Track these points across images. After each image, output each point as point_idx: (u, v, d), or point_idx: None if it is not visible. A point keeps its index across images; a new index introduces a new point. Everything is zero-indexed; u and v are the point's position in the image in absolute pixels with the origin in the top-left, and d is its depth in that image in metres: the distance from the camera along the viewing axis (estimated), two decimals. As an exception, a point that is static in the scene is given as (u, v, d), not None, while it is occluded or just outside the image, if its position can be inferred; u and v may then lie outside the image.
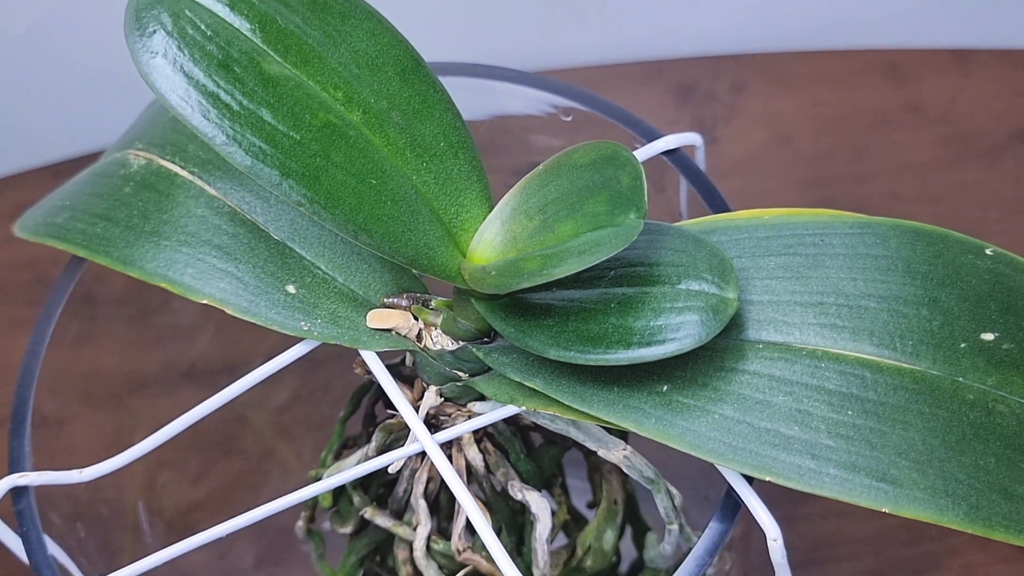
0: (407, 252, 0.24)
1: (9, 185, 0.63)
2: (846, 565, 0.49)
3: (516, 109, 0.33)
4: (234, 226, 0.28)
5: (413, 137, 0.25)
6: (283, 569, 0.48)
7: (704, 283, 0.24)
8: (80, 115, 0.64)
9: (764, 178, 0.60)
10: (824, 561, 0.49)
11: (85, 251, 0.28)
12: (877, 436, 0.23)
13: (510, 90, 0.32)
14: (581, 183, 0.24)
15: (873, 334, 0.25)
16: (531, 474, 0.32)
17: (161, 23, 0.23)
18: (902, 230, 0.26)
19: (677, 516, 0.29)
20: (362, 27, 0.25)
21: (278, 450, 0.50)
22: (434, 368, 0.28)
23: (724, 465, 0.24)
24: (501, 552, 0.26)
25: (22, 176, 0.64)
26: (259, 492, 0.50)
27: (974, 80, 0.62)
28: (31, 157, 0.64)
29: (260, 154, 0.23)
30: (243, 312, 0.27)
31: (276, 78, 0.23)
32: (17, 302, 0.59)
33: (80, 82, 0.63)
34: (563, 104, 0.32)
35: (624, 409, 0.25)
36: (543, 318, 0.25)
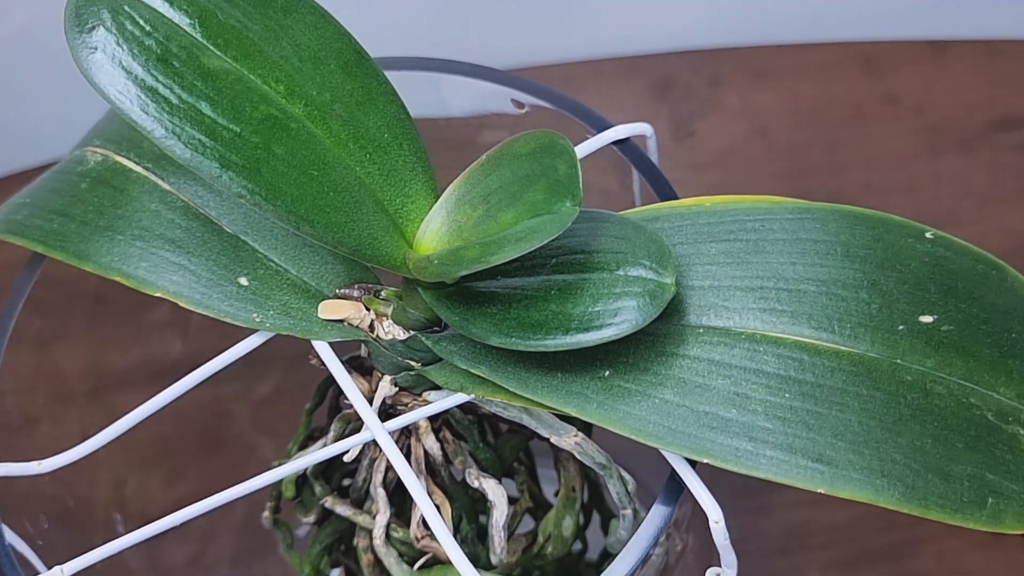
0: (350, 242, 0.25)
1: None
2: (821, 553, 0.49)
3: (466, 102, 0.33)
4: (187, 220, 0.28)
5: (356, 129, 0.26)
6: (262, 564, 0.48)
7: (642, 269, 0.24)
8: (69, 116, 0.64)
9: (741, 171, 0.60)
10: (799, 549, 0.49)
11: (42, 247, 0.28)
12: (814, 418, 0.24)
13: (459, 83, 0.32)
14: (522, 172, 0.25)
15: (812, 317, 0.25)
16: (490, 462, 0.32)
17: (100, 19, 0.23)
18: (841, 214, 0.26)
19: (631, 502, 0.30)
20: (304, 21, 0.26)
21: (260, 446, 0.50)
22: (387, 358, 0.29)
23: (664, 448, 0.24)
24: (449, 540, 0.27)
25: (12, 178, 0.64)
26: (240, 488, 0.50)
27: (949, 71, 0.62)
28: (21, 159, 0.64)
29: (200, 147, 0.23)
30: (196, 304, 0.28)
31: (216, 72, 0.24)
32: (1, 304, 0.60)
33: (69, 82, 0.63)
34: (515, 96, 0.32)
35: (567, 395, 0.25)
36: (487, 306, 0.25)
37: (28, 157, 0.64)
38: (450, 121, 0.35)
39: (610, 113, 0.63)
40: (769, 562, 0.49)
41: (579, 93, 0.66)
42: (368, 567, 0.32)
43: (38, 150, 0.64)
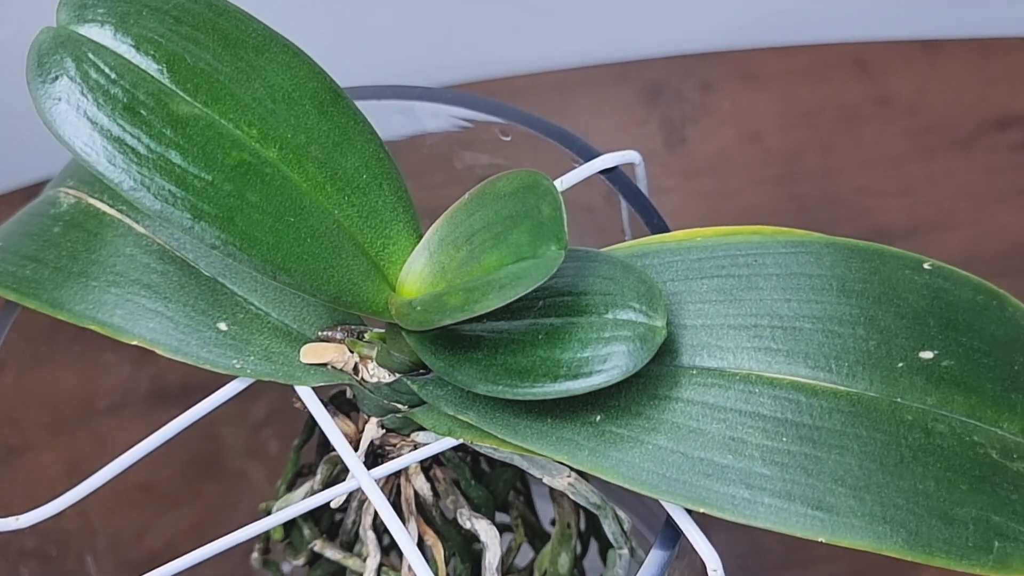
0: (330, 289, 0.24)
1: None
2: (823, 567, 0.48)
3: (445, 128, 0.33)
4: (163, 264, 0.27)
5: (334, 171, 0.25)
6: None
7: (632, 312, 0.23)
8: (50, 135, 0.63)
9: (734, 176, 0.59)
10: (802, 564, 0.48)
11: (15, 294, 0.28)
12: (813, 462, 0.23)
13: (438, 110, 0.32)
14: (505, 212, 0.24)
15: (808, 356, 0.24)
16: (483, 500, 0.31)
17: (64, 68, 0.22)
18: (836, 247, 0.25)
19: (627, 541, 0.29)
20: (277, 60, 0.25)
21: (251, 470, 0.50)
22: (373, 400, 0.28)
23: (659, 497, 0.23)
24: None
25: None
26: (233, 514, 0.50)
27: (942, 71, 0.61)
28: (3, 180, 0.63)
29: (170, 197, 0.22)
30: (174, 352, 0.27)
31: (185, 118, 0.23)
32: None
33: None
34: (498, 123, 0.31)
35: (557, 441, 0.24)
36: (472, 351, 0.24)
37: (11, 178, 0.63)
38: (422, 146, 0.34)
39: (601, 120, 0.63)
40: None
41: (569, 99, 0.65)
42: (360, 610, 0.31)
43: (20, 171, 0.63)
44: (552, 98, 0.63)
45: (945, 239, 0.56)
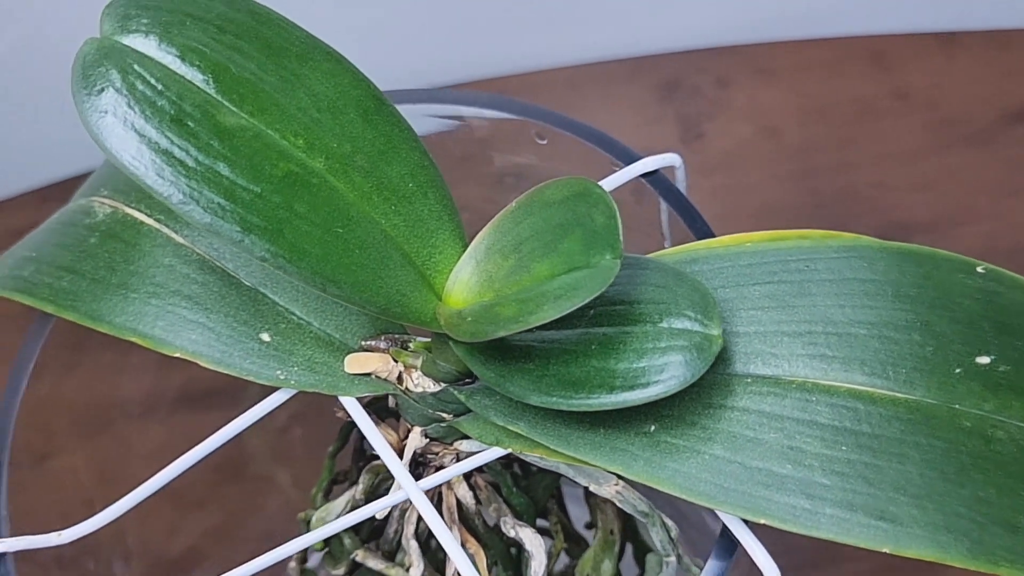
0: (379, 301, 0.24)
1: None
2: (848, 566, 0.48)
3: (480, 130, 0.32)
4: (203, 274, 0.27)
5: (380, 180, 0.24)
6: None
7: (687, 320, 0.23)
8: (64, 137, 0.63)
9: (751, 172, 0.59)
10: (832, 562, 0.48)
11: (52, 306, 0.27)
12: (873, 471, 0.23)
13: (474, 113, 0.31)
14: (555, 220, 0.24)
15: (864, 363, 0.24)
16: (524, 506, 0.31)
17: (110, 80, 0.22)
18: (889, 252, 0.25)
19: (674, 548, 0.29)
20: (320, 68, 0.24)
21: (277, 475, 0.49)
22: (417, 410, 0.28)
23: (717, 508, 0.23)
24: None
25: (8, 203, 0.63)
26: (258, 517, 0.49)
27: (959, 63, 0.61)
28: (16, 182, 0.63)
29: (219, 210, 0.22)
30: (216, 364, 0.26)
31: (232, 129, 0.22)
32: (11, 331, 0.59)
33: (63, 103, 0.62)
34: (538, 127, 0.31)
35: (611, 452, 0.24)
36: (523, 361, 0.24)
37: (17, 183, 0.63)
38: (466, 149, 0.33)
39: (617, 116, 0.62)
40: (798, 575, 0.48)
41: (584, 96, 0.65)
42: (401, 619, 0.31)
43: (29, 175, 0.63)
44: (565, 95, 0.63)
45: (965, 233, 0.56)
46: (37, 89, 0.61)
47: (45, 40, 0.59)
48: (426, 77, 0.63)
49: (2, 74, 0.60)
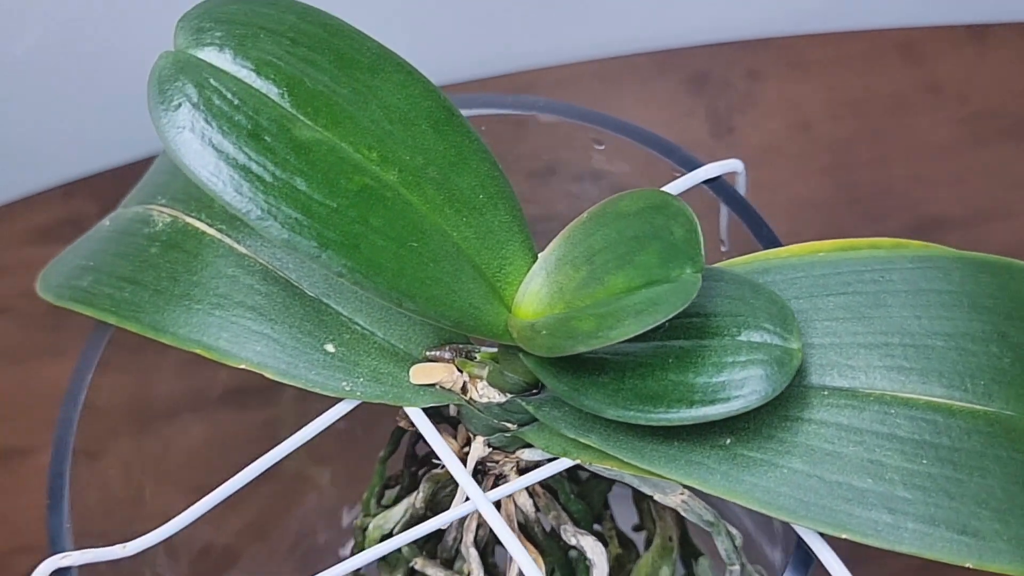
0: (452, 315, 0.23)
1: (20, 209, 0.62)
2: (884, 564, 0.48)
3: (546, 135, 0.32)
4: (267, 285, 0.27)
5: (451, 192, 0.24)
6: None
7: (765, 334, 0.23)
8: (87, 133, 0.63)
9: (784, 167, 0.59)
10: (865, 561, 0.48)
11: (114, 317, 0.27)
12: (954, 485, 0.23)
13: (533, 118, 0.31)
14: (630, 233, 0.23)
15: (942, 375, 0.24)
16: (582, 513, 0.31)
17: (186, 95, 0.22)
18: (964, 262, 0.25)
19: (739, 557, 0.28)
20: (391, 80, 0.24)
21: (312, 474, 0.49)
22: (481, 420, 0.27)
23: (797, 523, 0.23)
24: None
25: (33, 199, 0.63)
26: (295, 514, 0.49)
27: (991, 56, 0.60)
28: (40, 179, 0.63)
29: (296, 226, 0.22)
30: (282, 375, 0.26)
31: (308, 143, 0.22)
32: (38, 328, 0.59)
33: (85, 100, 0.62)
34: (596, 133, 0.31)
35: (687, 465, 0.24)
36: (597, 374, 0.24)
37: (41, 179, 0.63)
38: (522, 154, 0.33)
39: (646, 111, 0.62)
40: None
41: (613, 90, 0.64)
42: (459, 627, 0.31)
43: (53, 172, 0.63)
44: (595, 88, 0.63)
45: (1000, 229, 0.55)
46: (61, 86, 0.61)
47: (68, 38, 0.58)
48: (454, 72, 0.63)
49: (27, 72, 0.60)
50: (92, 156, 0.63)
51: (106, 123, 0.62)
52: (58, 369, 0.58)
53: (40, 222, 0.62)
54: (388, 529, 0.30)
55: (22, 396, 0.57)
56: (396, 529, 0.31)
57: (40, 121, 0.62)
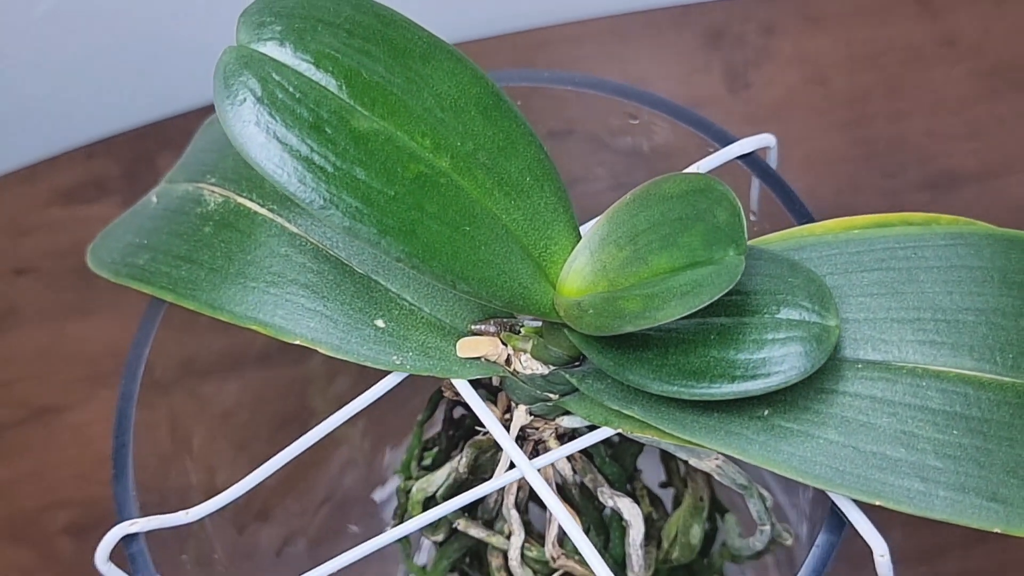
0: (503, 295, 0.24)
1: (43, 170, 0.63)
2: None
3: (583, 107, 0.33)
4: (318, 263, 0.28)
5: (500, 176, 0.25)
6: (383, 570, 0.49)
7: (804, 311, 0.24)
8: (106, 94, 0.63)
9: (800, 122, 0.59)
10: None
11: (172, 295, 0.28)
12: (984, 455, 0.24)
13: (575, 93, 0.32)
14: (673, 215, 0.24)
15: (973, 349, 0.25)
16: (616, 475, 0.32)
17: (250, 89, 0.22)
18: (995, 239, 0.26)
19: (769, 517, 0.30)
20: (443, 68, 0.25)
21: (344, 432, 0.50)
22: (524, 390, 0.28)
23: (833, 491, 0.24)
24: (598, 561, 0.27)
25: (55, 160, 0.63)
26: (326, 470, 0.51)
27: (1007, 9, 0.61)
28: (62, 140, 0.64)
29: (357, 214, 0.23)
30: (335, 351, 0.27)
31: (366, 134, 0.23)
32: (64, 288, 0.60)
33: (103, 61, 0.62)
34: (631, 108, 0.31)
35: (726, 435, 0.25)
36: (641, 350, 0.25)
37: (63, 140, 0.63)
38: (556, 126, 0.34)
39: (663, 66, 0.62)
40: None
41: (629, 45, 0.65)
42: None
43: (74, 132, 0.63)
44: (610, 44, 0.63)
45: (1016, 183, 0.56)
46: (79, 48, 0.61)
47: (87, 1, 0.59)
48: (470, 29, 0.63)
49: (46, 34, 0.60)
50: (112, 117, 0.64)
51: (124, 84, 0.63)
52: (87, 327, 0.59)
53: (62, 183, 0.63)
54: (431, 492, 0.32)
55: (53, 355, 0.58)
56: (439, 492, 0.32)
57: (60, 83, 0.63)
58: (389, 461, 0.50)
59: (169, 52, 0.62)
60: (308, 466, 0.51)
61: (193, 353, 0.45)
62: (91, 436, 0.56)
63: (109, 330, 0.58)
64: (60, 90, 0.63)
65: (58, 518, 0.55)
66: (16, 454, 0.56)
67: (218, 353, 0.45)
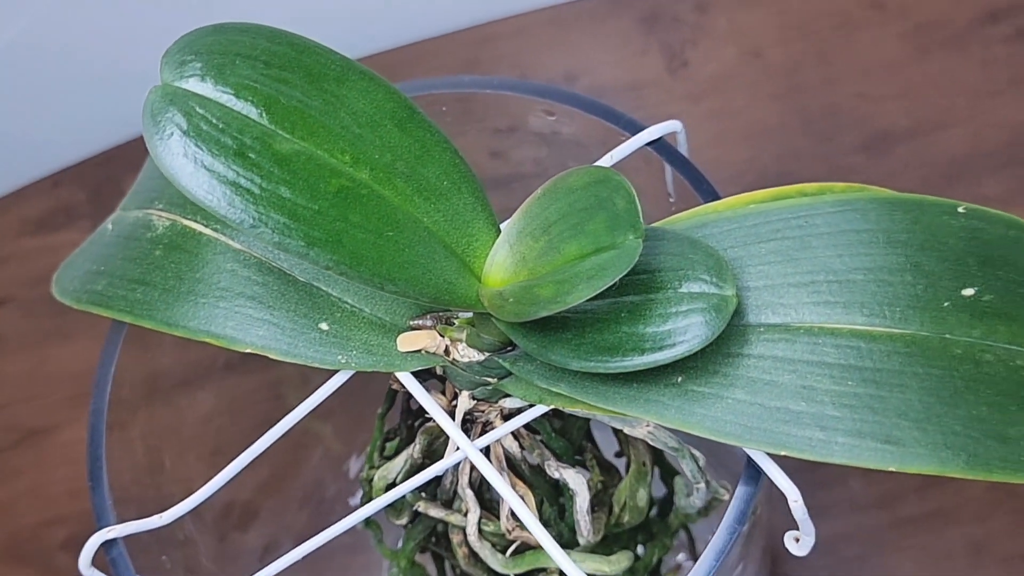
0: (430, 292, 0.27)
1: (12, 202, 0.65)
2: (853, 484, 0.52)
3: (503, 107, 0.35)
4: (263, 275, 0.30)
5: (419, 183, 0.27)
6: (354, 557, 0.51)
7: (703, 284, 0.26)
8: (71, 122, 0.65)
9: (737, 95, 0.61)
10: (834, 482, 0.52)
11: (129, 317, 0.30)
12: (878, 402, 0.26)
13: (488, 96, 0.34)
14: (580, 205, 0.26)
15: (863, 305, 0.27)
16: (563, 449, 0.34)
17: (176, 124, 0.24)
18: (879, 202, 0.28)
19: (703, 475, 0.32)
20: (357, 87, 0.27)
21: (320, 431, 0.53)
22: (464, 377, 0.31)
23: (743, 445, 0.26)
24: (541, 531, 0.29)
25: (23, 191, 0.65)
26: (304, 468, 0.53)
27: (931, -31, 0.63)
28: (30, 170, 0.65)
29: (285, 230, 0.25)
30: (284, 355, 0.29)
31: (288, 155, 0.25)
32: (42, 315, 0.62)
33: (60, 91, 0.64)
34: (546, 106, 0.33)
35: (645, 403, 0.27)
36: (561, 331, 0.27)
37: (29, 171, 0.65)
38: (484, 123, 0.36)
39: (603, 52, 0.64)
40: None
41: (570, 34, 0.67)
42: (464, 559, 0.34)
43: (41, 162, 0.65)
44: (551, 34, 0.65)
45: (947, 137, 0.58)
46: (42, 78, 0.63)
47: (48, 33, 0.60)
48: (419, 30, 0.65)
49: (9, 66, 0.62)
50: (77, 144, 0.66)
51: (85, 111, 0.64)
52: (67, 351, 0.61)
53: (32, 213, 0.65)
54: (391, 479, 0.34)
55: (37, 379, 0.60)
56: (398, 478, 0.34)
57: (21, 115, 0.64)
58: (364, 462, 0.52)
59: (126, 78, 0.64)
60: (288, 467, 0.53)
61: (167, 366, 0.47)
62: (81, 453, 0.58)
63: (88, 352, 0.60)
64: (22, 122, 0.65)
65: (56, 534, 0.57)
66: (11, 475, 0.58)
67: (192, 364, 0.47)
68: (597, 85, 0.63)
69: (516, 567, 0.34)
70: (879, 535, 0.50)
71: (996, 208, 0.58)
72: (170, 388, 0.46)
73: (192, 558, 0.40)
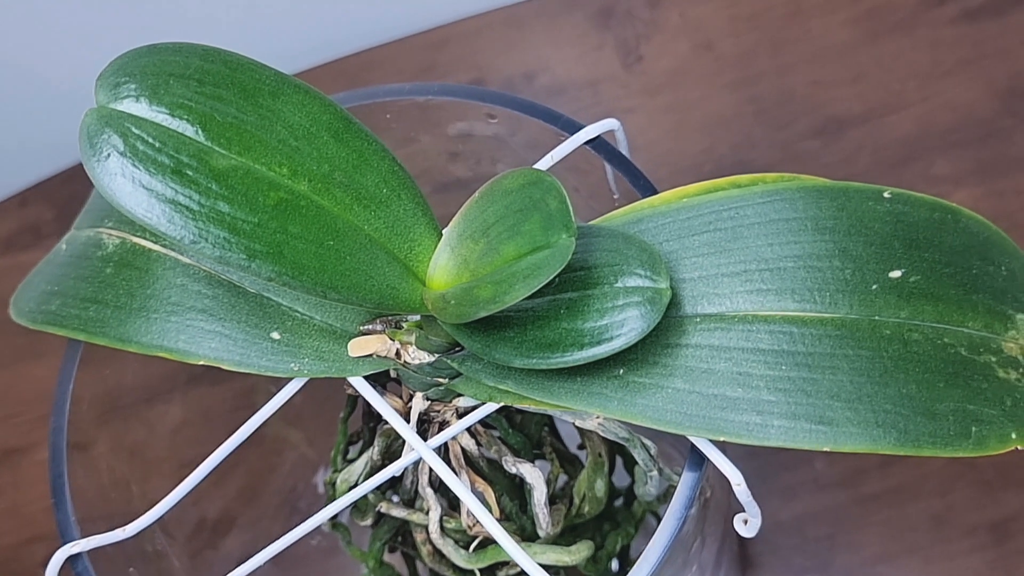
0: (374, 298, 0.27)
1: (-22, 224, 0.65)
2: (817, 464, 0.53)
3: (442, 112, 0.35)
4: (213, 288, 0.30)
5: (358, 191, 0.28)
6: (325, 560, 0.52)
7: (638, 278, 0.27)
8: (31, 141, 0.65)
9: (693, 87, 0.62)
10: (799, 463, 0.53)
11: (84, 335, 0.31)
12: (810, 384, 0.27)
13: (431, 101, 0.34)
14: (515, 207, 0.27)
15: (794, 292, 0.28)
16: (521, 444, 0.35)
17: (113, 145, 0.25)
18: (806, 191, 0.29)
19: (655, 463, 0.33)
20: (292, 101, 0.28)
21: (290, 436, 0.53)
22: (416, 378, 0.31)
23: (683, 433, 0.27)
24: (497, 528, 0.30)
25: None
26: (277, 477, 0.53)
27: (876, -46, 0.64)
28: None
29: (225, 244, 0.25)
30: (237, 365, 0.30)
31: (226, 171, 0.26)
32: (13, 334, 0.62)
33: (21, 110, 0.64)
34: (487, 109, 0.34)
35: (589, 396, 0.28)
36: (504, 330, 0.28)
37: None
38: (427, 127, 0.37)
39: (558, 50, 0.65)
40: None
41: (526, 33, 0.67)
42: (428, 556, 0.35)
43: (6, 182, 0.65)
44: (507, 34, 0.66)
45: (898, 120, 0.59)
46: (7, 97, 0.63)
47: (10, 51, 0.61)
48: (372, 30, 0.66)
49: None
50: (42, 161, 0.66)
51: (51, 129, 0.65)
52: (41, 370, 0.61)
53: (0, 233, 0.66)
54: (353, 481, 0.35)
55: (12, 398, 0.61)
56: (360, 480, 0.35)
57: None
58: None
59: (88, 94, 0.64)
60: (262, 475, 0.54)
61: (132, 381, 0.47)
62: (56, 471, 0.58)
63: (61, 369, 0.60)
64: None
65: (36, 553, 0.57)
66: (-11, 496, 0.58)
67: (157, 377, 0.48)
68: (555, 83, 0.64)
69: (479, 562, 0.34)
70: (844, 512, 0.51)
71: (949, 187, 0.59)
72: (136, 403, 0.47)
73: (165, 572, 0.41)
